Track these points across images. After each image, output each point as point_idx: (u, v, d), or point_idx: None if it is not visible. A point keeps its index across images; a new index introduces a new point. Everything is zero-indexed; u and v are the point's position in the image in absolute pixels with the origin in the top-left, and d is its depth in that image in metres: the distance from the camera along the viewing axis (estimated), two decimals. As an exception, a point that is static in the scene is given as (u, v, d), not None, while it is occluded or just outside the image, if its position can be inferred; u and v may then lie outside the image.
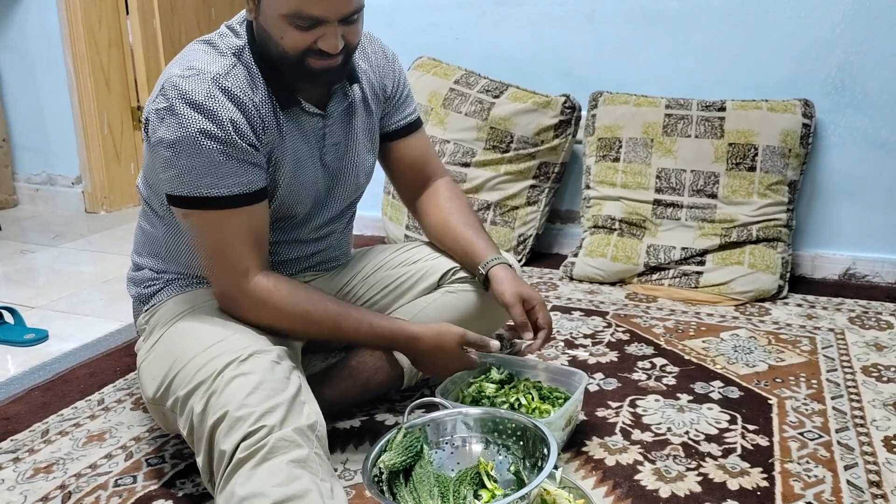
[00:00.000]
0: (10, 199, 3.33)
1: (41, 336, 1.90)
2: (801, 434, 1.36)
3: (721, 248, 2.09)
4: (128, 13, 3.12)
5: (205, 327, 1.18)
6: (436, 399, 1.25)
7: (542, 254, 2.46)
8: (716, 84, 2.22)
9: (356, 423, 1.42)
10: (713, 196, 2.11)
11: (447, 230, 1.45)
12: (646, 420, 1.42)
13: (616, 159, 2.22)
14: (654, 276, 2.13)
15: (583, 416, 1.42)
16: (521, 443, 1.15)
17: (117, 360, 1.74)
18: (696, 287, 2.08)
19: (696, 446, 1.33)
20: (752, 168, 2.08)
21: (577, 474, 1.25)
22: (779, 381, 1.57)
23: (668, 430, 1.39)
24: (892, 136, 2.10)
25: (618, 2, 2.28)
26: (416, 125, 1.46)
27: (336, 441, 1.34)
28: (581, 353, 1.72)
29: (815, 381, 1.57)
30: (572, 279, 2.21)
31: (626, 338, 1.80)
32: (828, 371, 1.62)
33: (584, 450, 1.32)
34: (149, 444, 1.38)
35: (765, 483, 1.22)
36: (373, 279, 1.46)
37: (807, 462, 1.28)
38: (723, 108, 2.14)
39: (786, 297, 2.04)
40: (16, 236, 2.90)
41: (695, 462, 1.28)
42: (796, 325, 1.87)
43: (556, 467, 1.09)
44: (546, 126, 2.28)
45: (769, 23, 2.14)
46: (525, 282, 1.39)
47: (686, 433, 1.37)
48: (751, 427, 1.39)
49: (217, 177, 1.13)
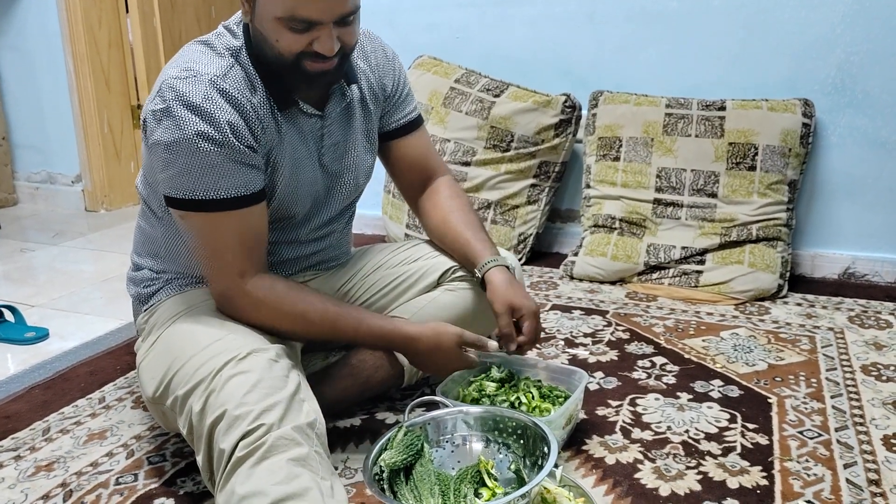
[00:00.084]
0: (10, 198, 3.33)
1: (42, 334, 1.90)
2: (801, 433, 1.37)
3: (721, 247, 2.09)
4: (128, 12, 3.12)
5: (203, 327, 1.18)
6: (436, 398, 1.25)
7: (543, 253, 2.46)
8: (716, 83, 2.22)
9: (356, 421, 1.42)
10: (713, 195, 2.12)
11: (447, 230, 1.44)
12: (646, 419, 1.42)
13: (616, 158, 2.22)
14: (654, 276, 2.13)
15: (583, 415, 1.42)
16: (522, 441, 1.16)
17: (118, 359, 1.75)
18: (696, 286, 2.08)
19: (696, 445, 1.33)
20: (752, 167, 2.09)
21: (577, 473, 1.25)
22: (778, 379, 1.57)
23: (668, 428, 1.39)
24: (892, 135, 2.10)
25: (618, 1, 2.28)
26: (416, 123, 1.46)
27: (336, 440, 1.34)
28: (581, 352, 1.72)
29: (814, 380, 1.57)
30: (572, 278, 2.21)
31: (626, 337, 1.80)
32: (827, 370, 1.62)
33: (585, 448, 1.32)
34: (150, 443, 1.38)
35: (764, 481, 1.22)
36: (372, 278, 1.46)
37: (806, 460, 1.28)
38: (723, 108, 2.14)
39: (785, 297, 2.04)
40: (16, 235, 2.89)
41: (695, 461, 1.28)
42: (796, 324, 1.87)
43: (556, 466, 1.10)
44: (546, 125, 2.28)
45: (769, 22, 2.14)
46: (522, 284, 1.37)
47: (686, 432, 1.38)
48: (750, 426, 1.39)
49: (214, 179, 1.13)
